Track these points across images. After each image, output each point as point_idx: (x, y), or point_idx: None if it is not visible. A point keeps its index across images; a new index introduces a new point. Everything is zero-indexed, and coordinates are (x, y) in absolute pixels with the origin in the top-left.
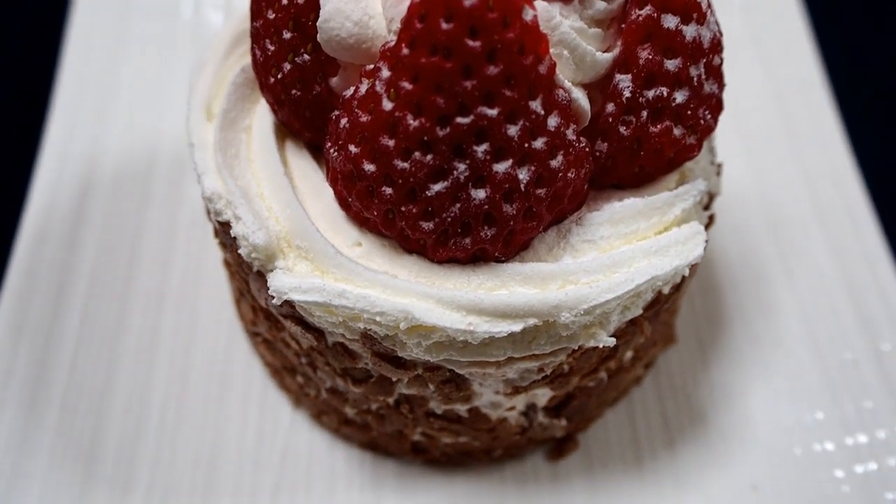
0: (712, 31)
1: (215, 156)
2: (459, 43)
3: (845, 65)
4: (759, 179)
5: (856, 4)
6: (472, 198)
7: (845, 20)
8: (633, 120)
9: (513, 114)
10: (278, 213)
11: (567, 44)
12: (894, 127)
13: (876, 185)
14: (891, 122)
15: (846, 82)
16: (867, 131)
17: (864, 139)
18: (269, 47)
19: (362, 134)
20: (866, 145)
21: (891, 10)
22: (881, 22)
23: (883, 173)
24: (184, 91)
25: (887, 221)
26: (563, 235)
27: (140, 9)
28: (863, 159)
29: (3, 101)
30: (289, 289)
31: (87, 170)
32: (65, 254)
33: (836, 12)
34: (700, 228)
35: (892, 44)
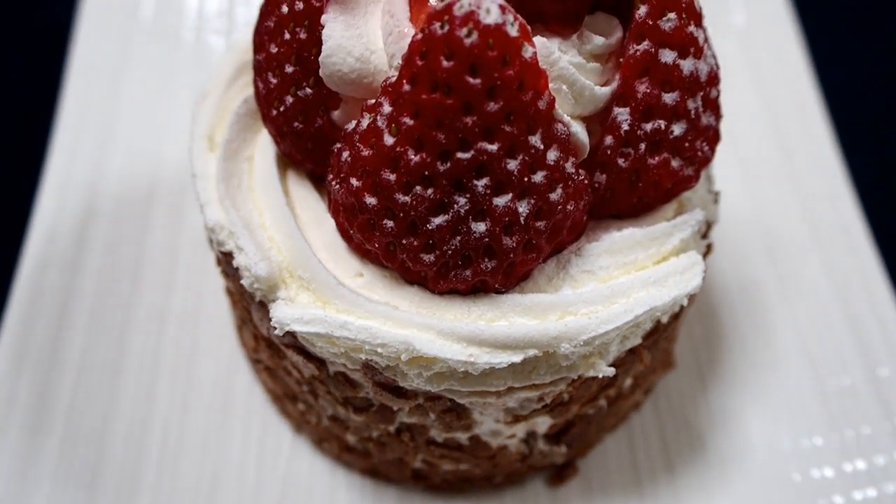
0: (709, 65)
1: (218, 186)
2: (460, 80)
3: (841, 87)
4: (756, 204)
5: (851, 28)
6: (473, 231)
7: (841, 43)
8: (631, 152)
9: (512, 148)
10: (280, 244)
11: (566, 79)
12: (890, 150)
13: (872, 209)
14: (887, 145)
15: (842, 105)
16: (863, 154)
17: (860, 162)
18: (271, 80)
19: (364, 168)
20: (862, 169)
21: (887, 32)
22: (877, 45)
23: (879, 197)
24: (185, 115)
25: (884, 246)
26: (562, 266)
27: (142, 33)
28: (859, 183)
29: (6, 126)
30: (291, 320)
31: (89, 195)
32: (67, 279)
33: (831, 36)
34: (698, 258)
35: (888, 66)
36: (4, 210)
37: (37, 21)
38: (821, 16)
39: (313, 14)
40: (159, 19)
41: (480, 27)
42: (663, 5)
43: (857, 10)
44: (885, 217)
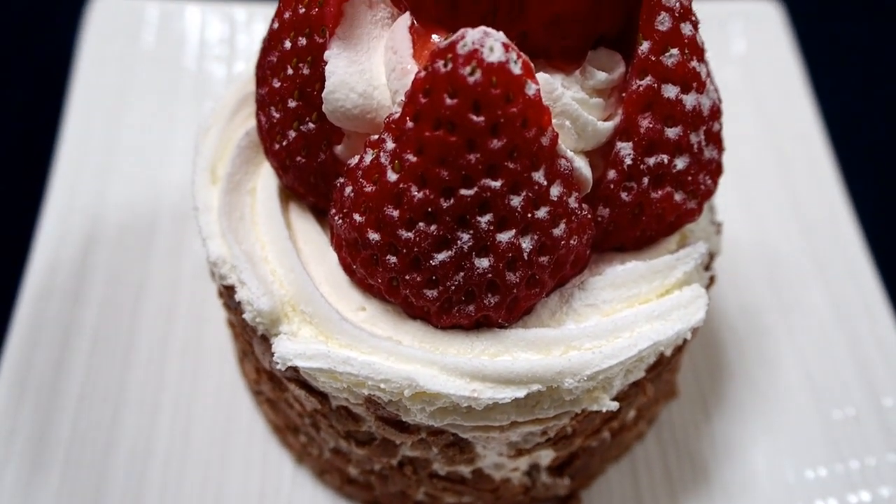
0: (712, 99)
1: (220, 220)
2: (463, 118)
3: (841, 114)
4: (758, 230)
5: (851, 54)
6: (476, 267)
7: (841, 70)
8: (634, 186)
9: (516, 185)
10: (282, 278)
11: (569, 114)
12: (891, 176)
13: (874, 236)
14: (887, 172)
15: (843, 131)
16: (864, 181)
17: (861, 189)
18: (274, 115)
19: (367, 203)
20: (863, 195)
21: (887, 58)
22: (877, 71)
23: (881, 224)
24: (186, 143)
25: (886, 273)
26: (565, 300)
27: (143, 61)
28: (861, 209)
29: (8, 154)
30: (293, 355)
31: (90, 223)
32: (68, 309)
33: (831, 62)
34: (701, 291)
35: (888, 92)
36: (6, 238)
37: (38, 48)
38: (820, 42)
39: (316, 50)
40: (161, 47)
41: (484, 65)
42: (666, 41)
43: (856, 36)
44: (886, 244)
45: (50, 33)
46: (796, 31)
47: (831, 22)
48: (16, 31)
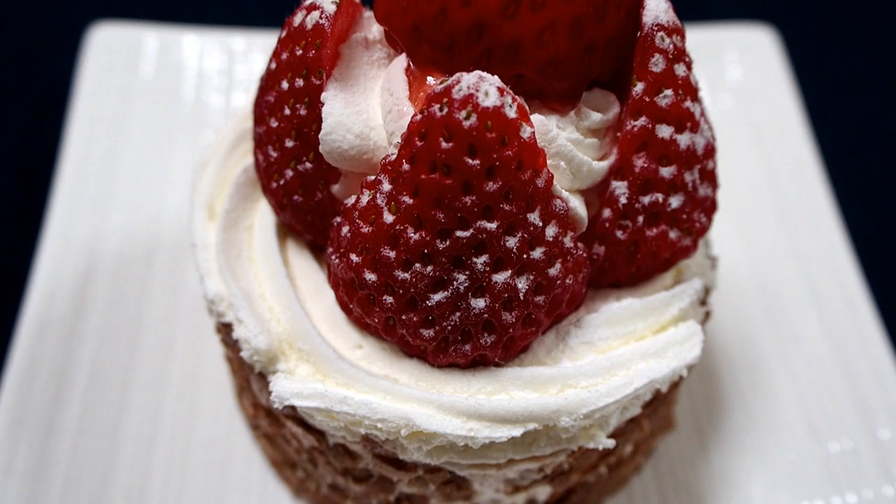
0: (706, 138)
1: (217, 257)
2: (459, 161)
3: (837, 144)
4: (754, 262)
5: (847, 84)
6: (472, 307)
7: (836, 100)
8: (629, 224)
9: (511, 226)
10: (280, 315)
11: (564, 155)
12: (887, 207)
13: (870, 267)
14: (883, 202)
15: (838, 161)
16: (860, 211)
17: (856, 219)
18: (271, 153)
19: (364, 244)
20: (859, 225)
21: (882, 88)
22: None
23: (877, 255)
24: (184, 173)
25: (882, 305)
26: (561, 337)
27: (142, 92)
28: (856, 240)
29: (6, 185)
30: (291, 394)
31: (88, 255)
32: (66, 342)
33: (827, 92)
34: (697, 328)
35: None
36: (4, 271)
37: (37, 78)
38: (816, 73)
39: (313, 91)
40: (159, 77)
41: (479, 110)
42: (660, 82)
43: (851, 66)
44: (882, 274)
45: (49, 62)
46: (791, 57)
47: (826, 48)
48: (15, 60)
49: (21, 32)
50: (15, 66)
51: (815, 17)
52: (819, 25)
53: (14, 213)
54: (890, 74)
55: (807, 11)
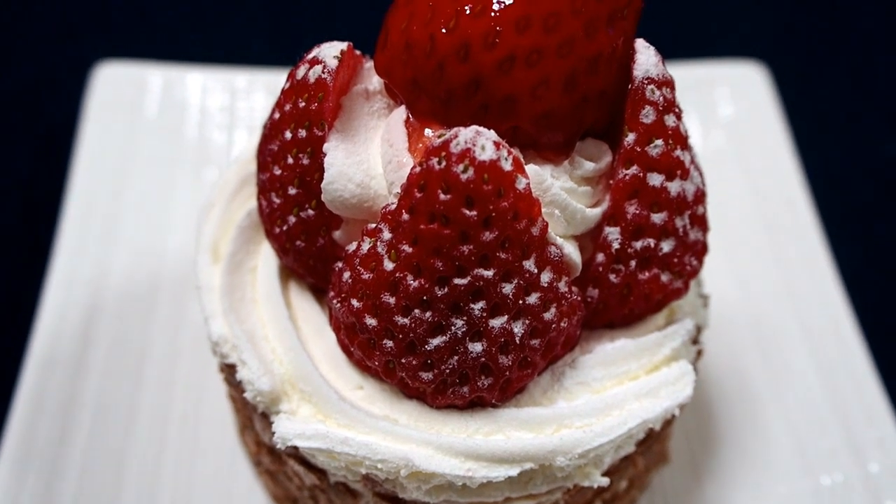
0: (696, 184)
1: (222, 300)
2: (456, 212)
3: (827, 177)
4: (747, 297)
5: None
6: (470, 351)
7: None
8: (622, 269)
9: (507, 273)
10: (282, 356)
11: (558, 204)
12: (876, 238)
13: (859, 298)
14: (872, 233)
15: (828, 194)
16: (850, 242)
17: (846, 251)
18: (274, 200)
19: (364, 290)
20: (849, 257)
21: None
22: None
23: (866, 287)
24: (188, 210)
25: (872, 339)
26: (556, 378)
27: (146, 129)
28: (846, 272)
29: (13, 223)
30: (293, 435)
31: (93, 293)
32: (71, 379)
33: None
34: (689, 368)
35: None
36: (10, 307)
37: (44, 117)
38: (805, 107)
39: (316, 142)
40: (163, 115)
41: (476, 163)
42: (651, 133)
43: (840, 101)
44: (870, 308)
45: (55, 100)
46: (781, 92)
47: (815, 83)
48: (22, 98)
49: (28, 70)
50: (22, 104)
51: (804, 52)
52: (808, 61)
53: (21, 250)
54: (877, 108)
55: (796, 47)
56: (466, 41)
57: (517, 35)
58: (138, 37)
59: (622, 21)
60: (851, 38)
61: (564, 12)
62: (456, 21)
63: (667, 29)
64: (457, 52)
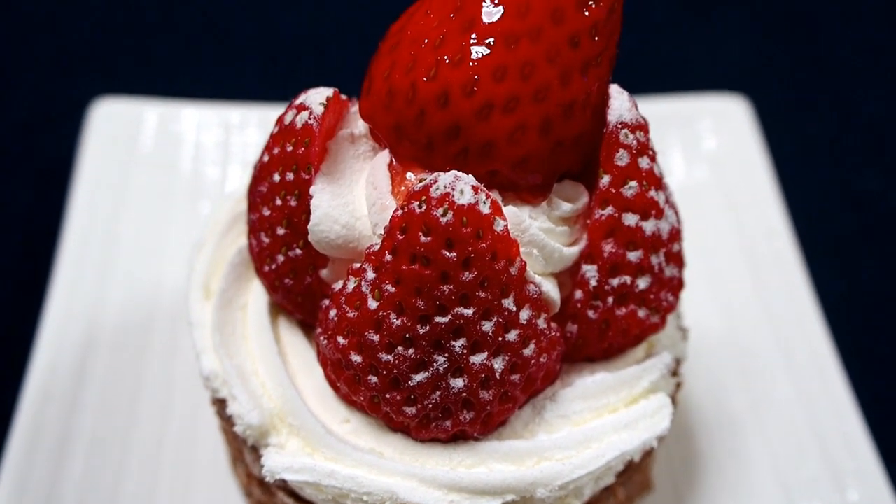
0: (670, 223)
1: (213, 335)
2: (437, 254)
3: (810, 208)
4: (729, 327)
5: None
6: (451, 386)
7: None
8: (600, 305)
9: (487, 312)
10: (272, 391)
11: (536, 243)
12: (858, 270)
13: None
14: (854, 265)
15: (811, 225)
16: (831, 274)
17: (828, 282)
18: (264, 240)
19: (350, 328)
20: (830, 288)
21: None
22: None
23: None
24: (182, 243)
25: (852, 369)
26: (537, 411)
27: (142, 164)
28: (826, 304)
29: (10, 258)
30: (281, 468)
31: (88, 327)
32: (67, 413)
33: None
34: (667, 401)
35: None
36: (7, 342)
37: (41, 152)
38: (787, 139)
39: (303, 185)
40: (158, 150)
41: (455, 207)
42: (625, 175)
43: (821, 132)
44: (852, 337)
45: (53, 136)
46: (763, 124)
47: (796, 115)
48: (20, 133)
49: (26, 106)
50: (20, 139)
51: (785, 85)
52: (789, 93)
53: (20, 284)
54: (858, 140)
55: (777, 80)
56: (446, 89)
57: (495, 83)
58: (135, 73)
59: (596, 68)
60: (832, 70)
61: (540, 61)
62: (436, 70)
63: (649, 63)
64: (437, 99)
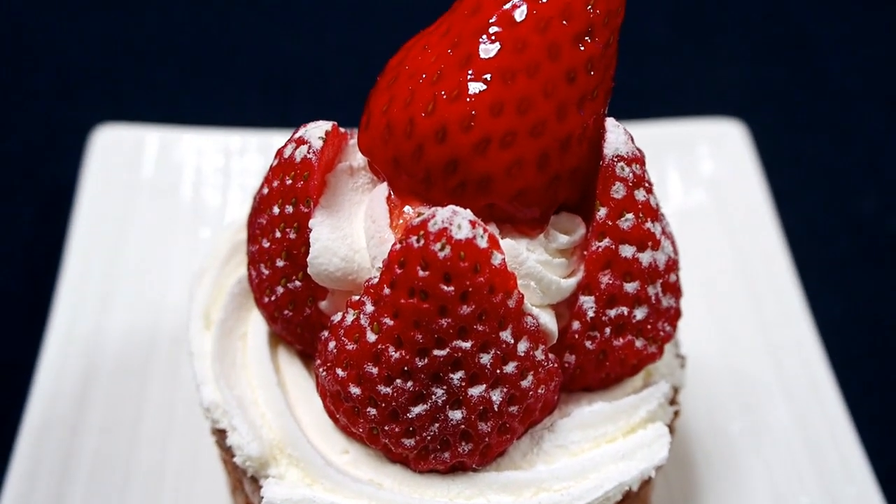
0: (667, 254)
1: (213, 366)
2: (435, 287)
3: (806, 231)
4: (727, 352)
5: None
6: (450, 419)
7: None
8: (597, 335)
9: (485, 344)
10: (271, 421)
11: (534, 276)
12: (854, 292)
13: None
14: (850, 288)
15: (807, 248)
16: (828, 296)
17: (825, 305)
18: (263, 271)
19: (349, 360)
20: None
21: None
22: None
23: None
24: (183, 269)
25: (849, 392)
26: (536, 442)
27: (143, 190)
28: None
29: (13, 284)
30: (280, 499)
31: (89, 354)
32: (68, 439)
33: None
34: (664, 430)
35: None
36: (8, 368)
37: (43, 178)
38: (784, 163)
39: (302, 218)
40: (159, 176)
41: (452, 241)
42: (622, 207)
43: (818, 155)
44: (850, 362)
45: (55, 162)
46: (760, 148)
47: (793, 139)
48: (22, 160)
49: (29, 132)
50: (22, 165)
51: (781, 109)
52: (786, 117)
53: (22, 311)
54: (855, 163)
55: (774, 104)
56: (444, 124)
57: (492, 118)
58: (137, 99)
59: (592, 102)
60: (828, 93)
61: (536, 96)
62: (434, 105)
63: (646, 88)
64: (435, 134)
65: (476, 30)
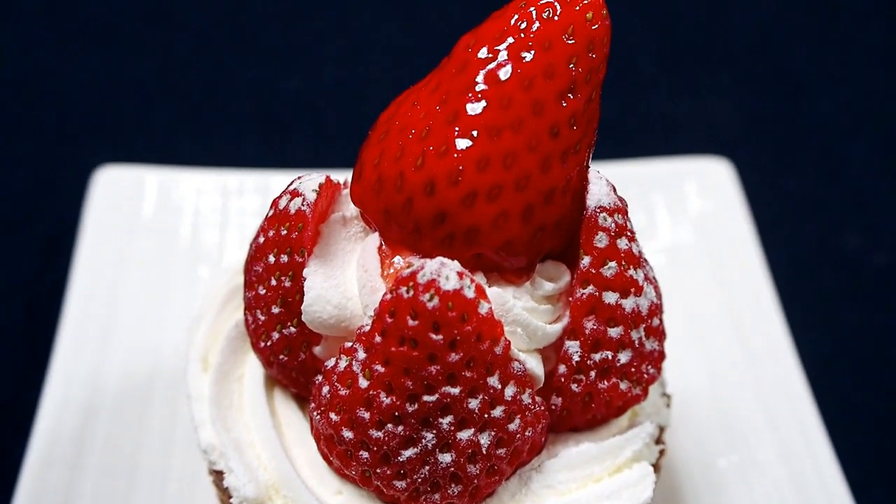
0: (650, 299)
1: (210, 408)
2: (424, 336)
3: (791, 266)
4: (713, 388)
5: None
6: (440, 461)
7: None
8: (583, 379)
9: (473, 390)
10: (267, 463)
11: (520, 322)
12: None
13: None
14: (836, 322)
15: (793, 283)
16: (815, 332)
17: (810, 340)
18: (259, 317)
19: (341, 405)
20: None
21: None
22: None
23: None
24: (182, 308)
25: (832, 427)
26: (524, 482)
27: (142, 230)
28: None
29: (13, 324)
30: None
31: (89, 393)
32: (68, 478)
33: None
34: (649, 470)
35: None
36: (8, 410)
37: (45, 218)
38: (770, 199)
39: (296, 267)
40: (159, 216)
41: (441, 292)
42: (604, 255)
43: (804, 190)
44: (836, 397)
45: (56, 203)
46: (745, 184)
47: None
48: (24, 200)
49: (29, 174)
50: (23, 206)
51: (766, 145)
52: (770, 153)
53: (20, 350)
54: (839, 198)
55: (759, 141)
56: (432, 178)
57: (478, 173)
58: (137, 140)
59: (575, 155)
60: (813, 130)
61: (521, 151)
62: (423, 160)
63: (634, 126)
64: (424, 188)
65: (463, 88)
